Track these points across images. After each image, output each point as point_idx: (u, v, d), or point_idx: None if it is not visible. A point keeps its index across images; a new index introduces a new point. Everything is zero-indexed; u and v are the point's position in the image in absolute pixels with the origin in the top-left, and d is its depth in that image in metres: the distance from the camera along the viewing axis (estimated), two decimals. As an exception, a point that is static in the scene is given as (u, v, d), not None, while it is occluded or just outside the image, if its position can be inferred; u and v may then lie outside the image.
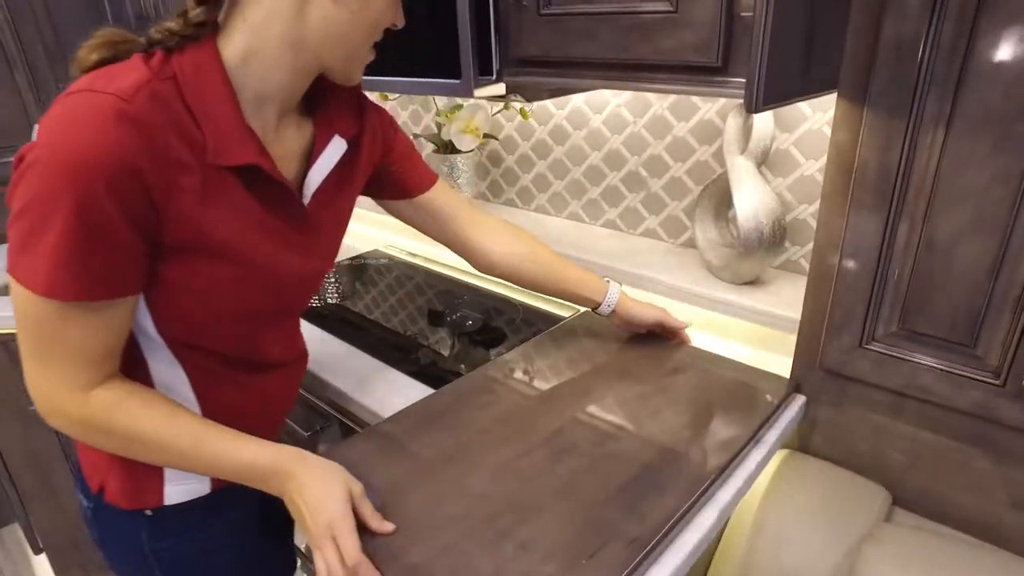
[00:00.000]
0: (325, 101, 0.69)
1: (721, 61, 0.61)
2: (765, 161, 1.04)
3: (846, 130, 0.75)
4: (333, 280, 1.47)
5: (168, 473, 0.71)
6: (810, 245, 1.07)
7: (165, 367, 0.66)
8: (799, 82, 0.68)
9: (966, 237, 0.69)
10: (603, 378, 0.93)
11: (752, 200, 0.99)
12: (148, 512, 0.72)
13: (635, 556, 0.62)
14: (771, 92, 0.60)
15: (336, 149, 0.69)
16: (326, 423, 1.09)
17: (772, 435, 0.82)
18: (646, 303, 0.98)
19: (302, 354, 0.83)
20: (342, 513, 0.62)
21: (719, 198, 1.10)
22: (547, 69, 0.76)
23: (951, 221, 0.70)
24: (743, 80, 0.61)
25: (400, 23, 0.65)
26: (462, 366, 1.07)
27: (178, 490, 0.72)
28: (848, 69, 0.72)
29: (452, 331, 1.21)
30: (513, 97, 0.84)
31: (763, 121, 0.99)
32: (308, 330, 1.18)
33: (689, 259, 1.17)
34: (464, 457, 0.77)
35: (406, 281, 1.44)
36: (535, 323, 1.19)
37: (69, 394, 0.59)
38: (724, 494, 0.72)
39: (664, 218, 1.24)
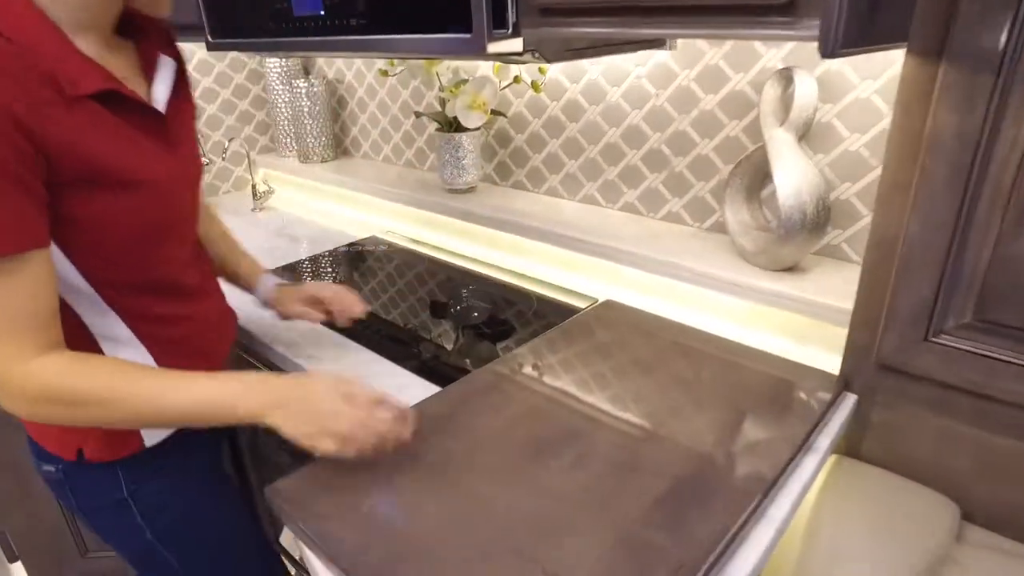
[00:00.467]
0: (140, 28, 0.72)
1: (788, -2, 0.51)
2: (806, 135, 0.94)
3: (916, 91, 0.65)
4: (329, 269, 1.38)
5: None
6: (853, 228, 0.97)
7: (99, 317, 0.68)
8: (868, 30, 0.58)
9: (1061, 213, 0.60)
10: (623, 376, 0.84)
11: (793, 177, 0.89)
12: (124, 455, 0.74)
13: (683, 586, 0.52)
14: (850, 34, 0.50)
15: (168, 65, 0.73)
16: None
17: (824, 440, 0.72)
18: (295, 290, 0.98)
19: (212, 270, 0.88)
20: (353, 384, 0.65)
21: (752, 176, 1.00)
22: (573, 18, 0.66)
23: (1044, 194, 0.60)
24: (814, 20, 0.51)
25: None
26: (467, 361, 0.98)
27: (155, 430, 0.75)
28: (922, 16, 0.62)
29: (456, 324, 1.11)
30: (531, 57, 0.74)
31: (806, 88, 0.89)
32: (302, 323, 1.09)
33: (717, 244, 1.08)
34: (474, 464, 0.67)
35: (407, 270, 1.34)
36: (546, 315, 1.10)
37: (14, 369, 0.58)
38: (779, 509, 0.62)
39: (689, 200, 1.14)
